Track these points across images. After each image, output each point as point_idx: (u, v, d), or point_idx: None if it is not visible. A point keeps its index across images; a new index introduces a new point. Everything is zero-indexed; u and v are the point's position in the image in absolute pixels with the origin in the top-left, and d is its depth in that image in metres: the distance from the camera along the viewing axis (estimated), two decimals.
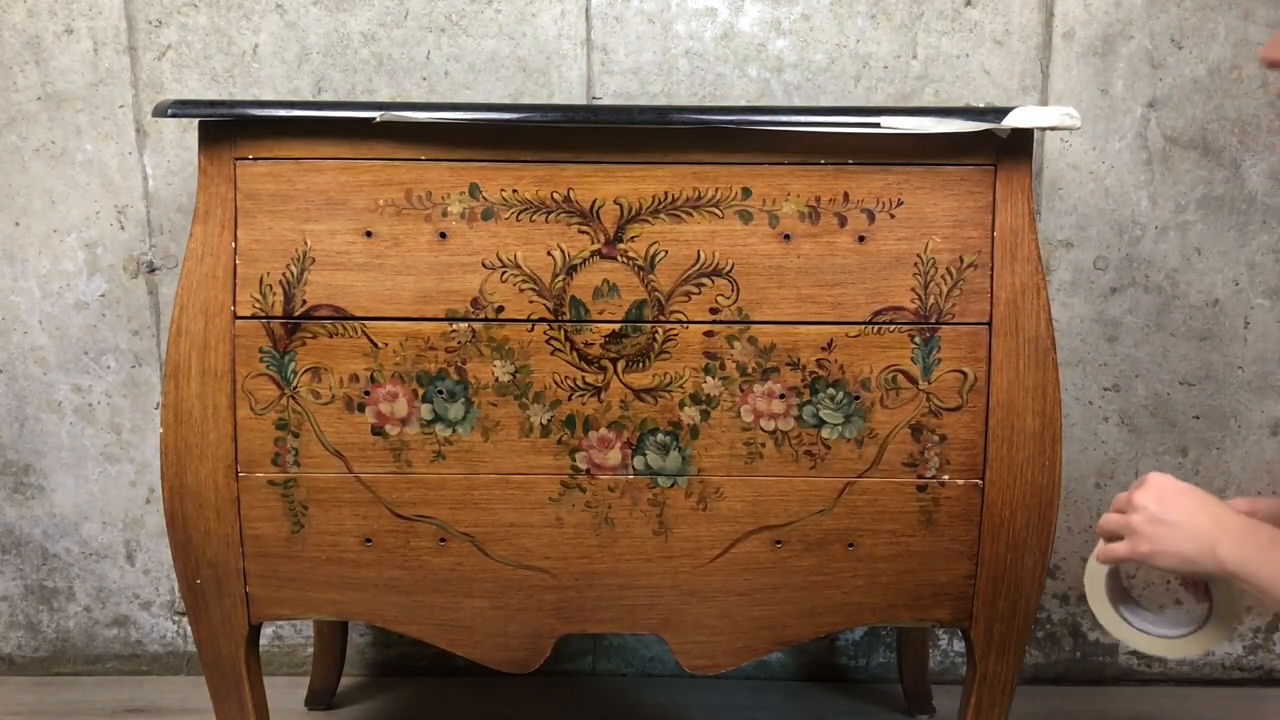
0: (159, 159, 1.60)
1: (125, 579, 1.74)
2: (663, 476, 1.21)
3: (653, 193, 1.17)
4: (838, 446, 1.21)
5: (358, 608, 1.24)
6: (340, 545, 1.23)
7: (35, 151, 1.60)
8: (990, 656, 1.25)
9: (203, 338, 1.19)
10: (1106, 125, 1.57)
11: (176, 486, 1.21)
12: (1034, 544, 1.21)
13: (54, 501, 1.71)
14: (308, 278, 1.19)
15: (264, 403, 1.20)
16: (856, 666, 1.76)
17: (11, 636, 1.77)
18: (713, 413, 1.20)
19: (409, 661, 1.76)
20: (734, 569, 1.22)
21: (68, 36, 1.56)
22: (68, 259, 1.63)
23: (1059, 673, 1.76)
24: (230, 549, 1.22)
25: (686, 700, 1.68)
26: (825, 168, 1.17)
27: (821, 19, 1.55)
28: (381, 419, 1.20)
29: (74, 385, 1.67)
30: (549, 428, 1.20)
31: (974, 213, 1.18)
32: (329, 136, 1.17)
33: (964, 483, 1.21)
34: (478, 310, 1.19)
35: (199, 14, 1.55)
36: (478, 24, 1.55)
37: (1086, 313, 1.61)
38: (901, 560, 1.22)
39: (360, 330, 1.19)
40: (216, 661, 1.26)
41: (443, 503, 1.22)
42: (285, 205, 1.18)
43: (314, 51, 1.56)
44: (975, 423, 1.20)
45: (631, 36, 1.55)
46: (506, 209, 1.18)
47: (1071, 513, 1.69)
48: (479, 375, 1.20)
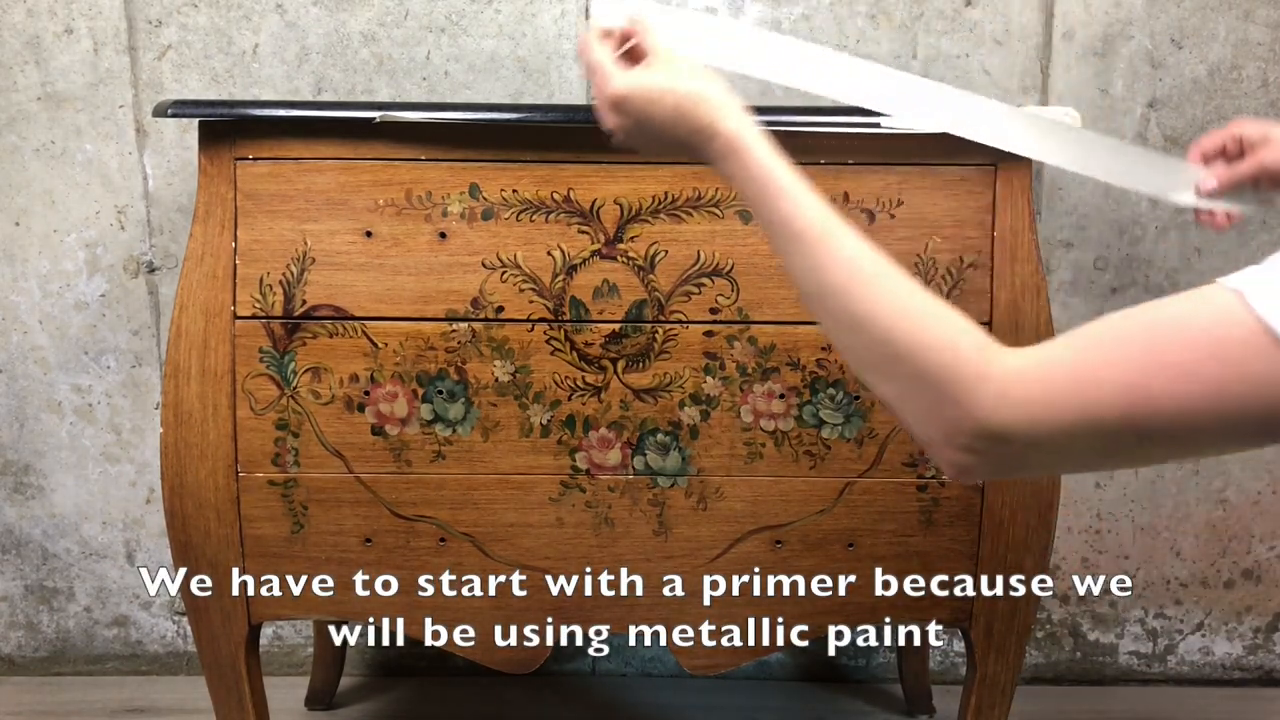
0: (159, 159, 1.60)
1: (125, 579, 1.74)
2: (663, 476, 1.21)
3: (653, 192, 1.17)
4: (838, 446, 1.21)
5: (357, 608, 1.24)
6: (340, 545, 1.23)
7: (35, 151, 1.60)
8: (990, 656, 1.25)
9: (203, 338, 1.19)
10: (1106, 125, 1.57)
11: (176, 486, 1.21)
12: (1034, 544, 1.21)
13: (54, 501, 1.71)
14: (308, 278, 1.19)
15: (264, 403, 1.20)
16: (856, 666, 1.76)
17: (11, 636, 1.77)
18: (713, 413, 1.20)
19: (409, 661, 1.76)
20: (734, 569, 1.22)
21: (68, 36, 1.56)
22: (68, 259, 1.63)
23: (1059, 673, 1.76)
24: (230, 549, 1.22)
25: (686, 700, 1.68)
26: (825, 168, 1.17)
27: (821, 19, 1.55)
28: (381, 419, 1.20)
29: (74, 385, 1.67)
30: (549, 428, 1.20)
31: (974, 213, 1.18)
32: (329, 136, 1.17)
33: None
34: (478, 310, 1.19)
35: (199, 14, 1.55)
36: (478, 24, 1.55)
37: (1087, 313, 1.60)
38: (901, 560, 1.22)
39: (360, 330, 1.19)
40: (216, 661, 1.26)
41: (443, 503, 1.22)
42: (285, 205, 1.18)
43: (314, 51, 1.56)
44: None
45: None
46: (506, 209, 1.18)
47: (1071, 513, 1.69)
48: (479, 375, 1.20)
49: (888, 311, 0.69)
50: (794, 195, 0.74)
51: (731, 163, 0.77)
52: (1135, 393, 0.62)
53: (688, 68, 0.80)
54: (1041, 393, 0.64)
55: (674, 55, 0.80)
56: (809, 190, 0.74)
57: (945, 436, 0.67)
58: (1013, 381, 0.65)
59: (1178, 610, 1.74)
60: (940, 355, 0.66)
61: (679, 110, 0.78)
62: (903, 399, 0.69)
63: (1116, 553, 1.71)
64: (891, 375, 0.69)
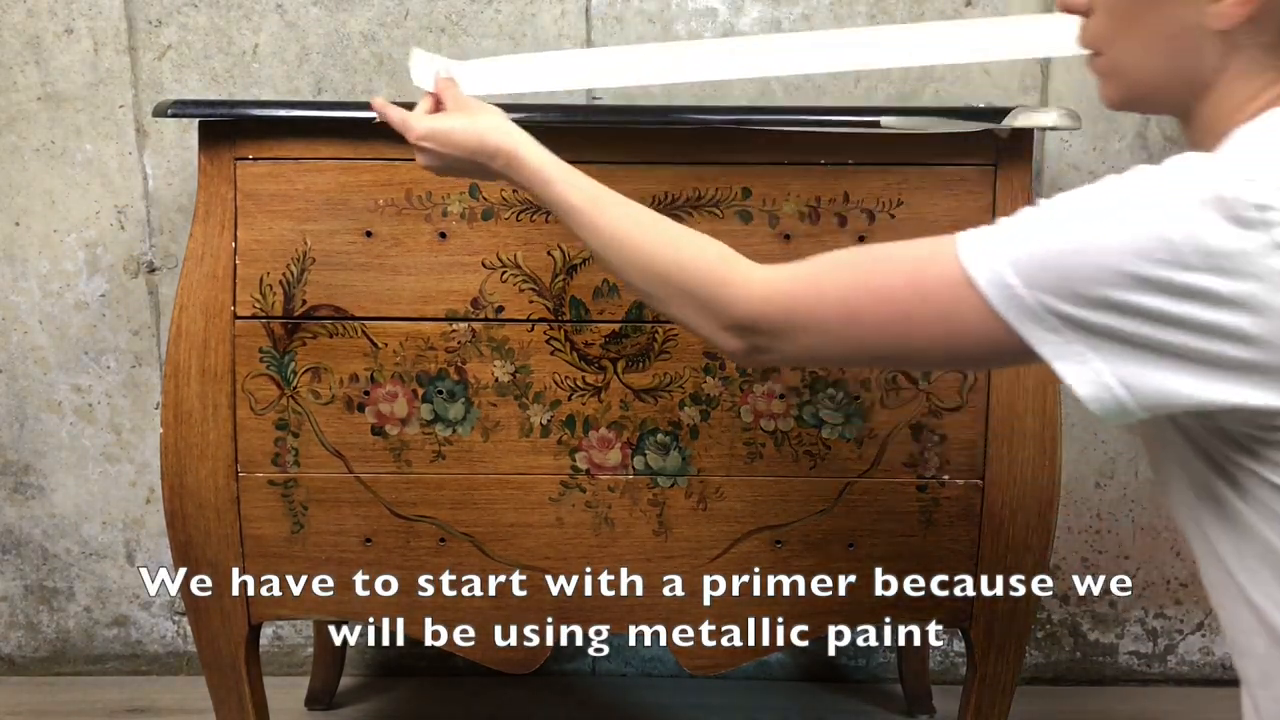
0: (159, 159, 1.60)
1: (125, 579, 1.74)
2: (663, 476, 1.21)
3: (653, 192, 1.17)
4: (838, 446, 1.21)
5: (357, 608, 1.24)
6: (340, 545, 1.23)
7: (35, 151, 1.60)
8: (990, 656, 1.25)
9: (203, 338, 1.19)
10: (1107, 125, 1.57)
11: (176, 486, 1.21)
12: (1034, 544, 1.21)
13: (54, 501, 1.71)
14: (308, 278, 1.19)
15: (264, 403, 1.20)
16: (856, 666, 1.76)
17: (11, 636, 1.77)
18: (713, 413, 1.20)
19: (409, 661, 1.76)
20: (734, 569, 1.22)
21: (68, 36, 1.56)
22: (68, 259, 1.63)
23: (1059, 673, 1.76)
24: (230, 549, 1.22)
25: (686, 700, 1.68)
26: (825, 168, 1.17)
27: (822, 19, 1.55)
28: (381, 419, 1.20)
29: (74, 385, 1.67)
30: (549, 428, 1.20)
31: (974, 213, 1.17)
32: (329, 136, 1.17)
33: (964, 483, 1.21)
34: (478, 310, 1.19)
35: (199, 14, 1.55)
36: (478, 24, 1.55)
37: None
38: (901, 560, 1.22)
39: (360, 330, 1.19)
40: (216, 661, 1.26)
41: (443, 503, 1.22)
42: (285, 205, 1.18)
43: (314, 51, 1.56)
44: (975, 423, 1.20)
45: (632, 37, 1.55)
46: (506, 209, 1.18)
47: (1071, 513, 1.69)
48: (479, 375, 1.20)
49: (652, 247, 0.86)
50: (563, 180, 0.91)
51: (513, 172, 0.93)
52: (847, 306, 0.75)
53: (473, 107, 0.97)
54: (777, 294, 0.79)
55: (464, 100, 0.99)
56: (576, 174, 0.91)
57: (711, 329, 0.83)
58: (757, 285, 0.80)
59: (1178, 610, 1.74)
60: (696, 270, 0.83)
61: (465, 142, 0.94)
62: (680, 309, 0.85)
63: (1116, 553, 1.71)
64: (668, 296, 0.85)
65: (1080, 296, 0.67)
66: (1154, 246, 0.64)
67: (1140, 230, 0.65)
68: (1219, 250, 0.63)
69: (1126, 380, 0.68)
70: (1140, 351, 0.67)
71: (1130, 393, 0.68)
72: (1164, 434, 0.78)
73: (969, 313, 0.70)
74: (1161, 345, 0.66)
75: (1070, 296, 0.67)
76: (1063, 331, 0.68)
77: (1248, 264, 0.63)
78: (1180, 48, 0.73)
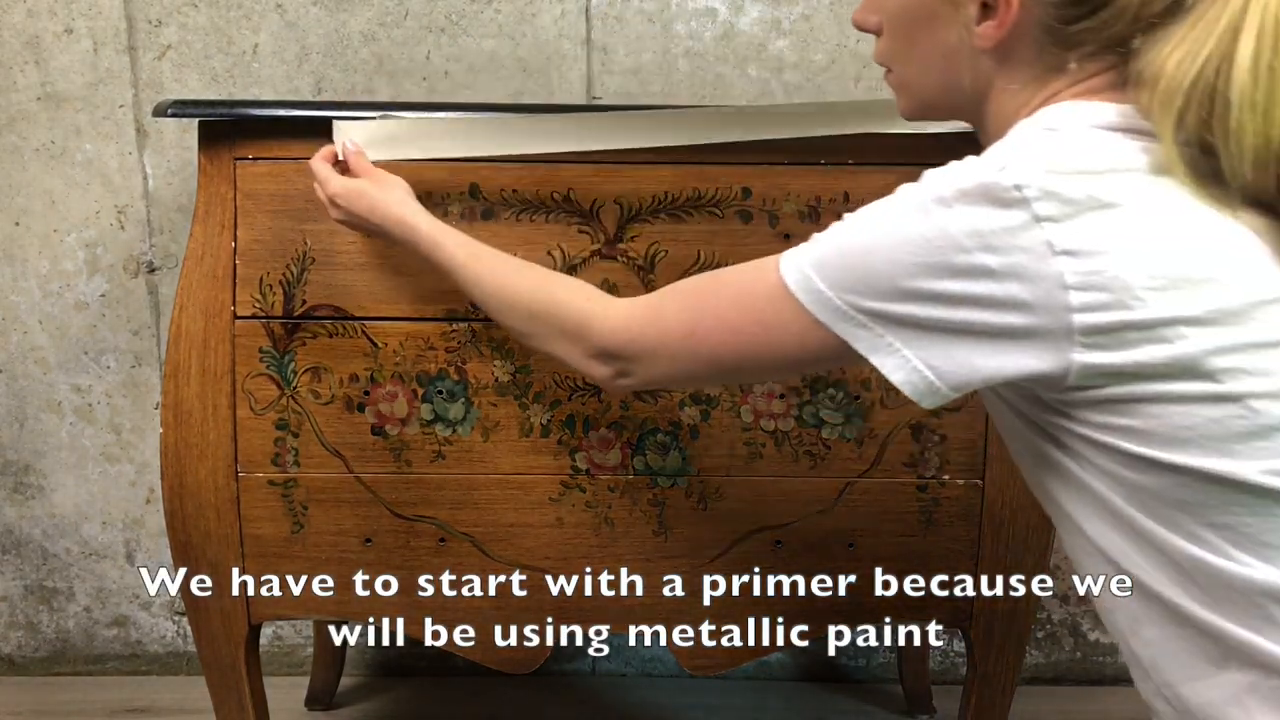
0: (159, 159, 1.60)
1: (125, 579, 1.74)
2: (663, 476, 1.21)
3: (653, 192, 1.17)
4: (838, 446, 1.21)
5: (357, 608, 1.24)
6: (340, 545, 1.23)
7: (35, 151, 1.60)
8: (990, 656, 1.25)
9: (203, 338, 1.19)
10: None
11: (176, 486, 1.21)
12: (1034, 544, 1.21)
13: (54, 501, 1.71)
14: (308, 277, 1.19)
15: (264, 403, 1.20)
16: (856, 666, 1.77)
17: (11, 636, 1.77)
18: (713, 413, 1.20)
19: (408, 661, 1.76)
20: (734, 569, 1.22)
21: (68, 36, 1.56)
22: (68, 259, 1.63)
23: (1059, 673, 1.76)
24: (230, 549, 1.22)
25: (686, 700, 1.68)
26: (825, 168, 1.17)
27: (822, 19, 1.55)
28: (381, 419, 1.20)
29: (74, 385, 1.67)
30: (549, 428, 1.20)
31: None
32: (329, 136, 1.17)
33: (964, 483, 1.21)
34: (478, 310, 1.19)
35: (199, 14, 1.55)
36: (478, 24, 1.55)
37: None
38: (901, 560, 1.22)
39: (360, 330, 1.19)
40: (216, 661, 1.26)
41: (443, 503, 1.22)
42: (285, 205, 1.18)
43: (314, 51, 1.56)
44: (975, 423, 1.20)
45: (632, 36, 1.55)
46: (506, 209, 1.18)
47: None
48: (479, 375, 1.20)
49: (530, 291, 0.95)
50: (445, 242, 1.01)
51: (405, 238, 1.04)
52: (685, 328, 0.83)
53: (378, 176, 1.09)
54: (631, 323, 0.87)
55: (372, 170, 1.10)
56: (462, 235, 1.02)
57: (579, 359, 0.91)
58: (615, 316, 0.88)
59: None
60: (567, 305, 0.92)
61: (368, 208, 1.06)
62: (555, 343, 0.93)
63: None
64: (545, 332, 0.93)
65: (879, 291, 0.73)
66: (933, 236, 0.71)
67: (921, 225, 0.72)
68: (987, 230, 0.70)
69: (930, 363, 0.74)
70: (938, 334, 0.73)
71: (935, 374, 0.74)
72: (996, 409, 0.83)
73: (791, 322, 0.77)
74: (955, 325, 0.72)
75: (870, 293, 0.74)
76: (871, 326, 0.74)
77: (1012, 239, 0.69)
78: (954, 65, 0.82)
